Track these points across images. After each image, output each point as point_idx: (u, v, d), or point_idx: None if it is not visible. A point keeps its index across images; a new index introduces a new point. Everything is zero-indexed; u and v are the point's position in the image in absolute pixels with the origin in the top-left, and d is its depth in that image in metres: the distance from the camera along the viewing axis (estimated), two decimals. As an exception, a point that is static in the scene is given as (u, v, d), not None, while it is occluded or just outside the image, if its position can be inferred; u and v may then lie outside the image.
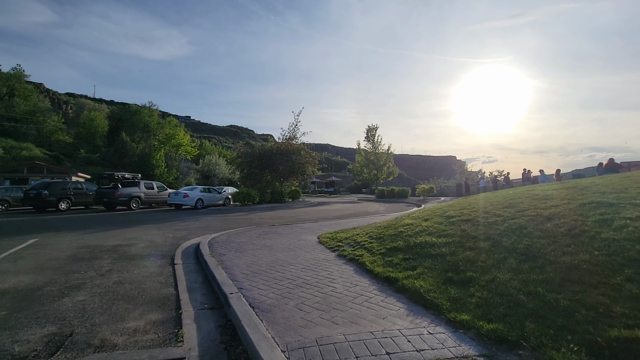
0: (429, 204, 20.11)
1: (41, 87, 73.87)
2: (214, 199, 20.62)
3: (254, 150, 23.53)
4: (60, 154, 49.67)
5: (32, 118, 50.39)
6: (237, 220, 13.26)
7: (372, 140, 35.52)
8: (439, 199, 25.11)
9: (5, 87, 50.76)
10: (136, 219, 13.89)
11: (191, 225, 11.86)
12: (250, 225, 11.61)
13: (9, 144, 43.08)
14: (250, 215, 15.66)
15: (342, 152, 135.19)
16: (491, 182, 25.37)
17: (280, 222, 12.68)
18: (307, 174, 25.13)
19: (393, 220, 8.78)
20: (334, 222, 11.40)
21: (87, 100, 79.29)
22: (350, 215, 15.09)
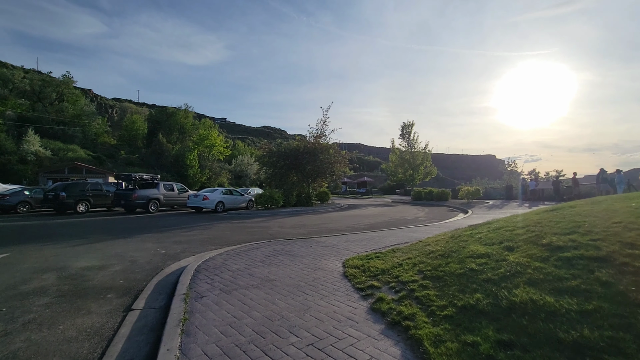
0: (477, 210, 17.00)
1: (90, 92, 77.44)
2: (236, 202, 18.84)
3: (279, 149, 21.54)
4: (102, 155, 50.95)
5: (78, 121, 52.14)
6: (251, 230, 11.17)
7: (407, 137, 32.37)
8: (486, 202, 21.72)
9: (55, 93, 52.92)
10: (143, 225, 12.27)
11: (196, 235, 9.91)
12: (263, 237, 9.46)
13: (57, 145, 44.50)
14: (269, 222, 13.56)
15: (374, 152, 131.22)
16: (551, 184, 21.57)
17: (300, 233, 10.42)
18: (337, 174, 22.72)
19: (447, 239, 6.21)
20: (366, 236, 8.94)
21: (130, 104, 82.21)
22: (385, 225, 12.53)
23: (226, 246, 8.14)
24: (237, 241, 8.86)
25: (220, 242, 8.71)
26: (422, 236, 8.50)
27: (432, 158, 32.74)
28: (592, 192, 18.97)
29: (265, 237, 9.62)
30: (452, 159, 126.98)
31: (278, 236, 9.71)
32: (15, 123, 45.02)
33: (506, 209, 16.76)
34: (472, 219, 13.20)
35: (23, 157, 38.79)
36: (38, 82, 52.06)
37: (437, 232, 8.93)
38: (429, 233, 9.06)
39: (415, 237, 8.48)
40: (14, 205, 16.24)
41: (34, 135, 40.62)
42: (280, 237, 9.54)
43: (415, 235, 8.83)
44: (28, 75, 53.42)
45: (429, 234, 8.79)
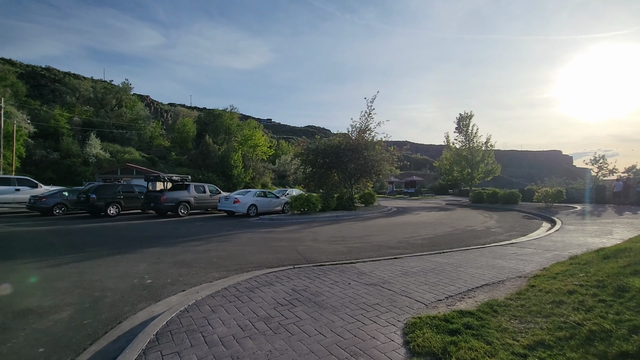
0: (566, 218, 13.12)
1: (147, 99, 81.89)
2: (270, 205, 16.81)
3: (317, 145, 19.14)
4: (155, 157, 52.69)
5: (134, 125, 54.56)
6: (278, 245, 8.85)
7: (464, 131, 28.14)
8: (572, 207, 17.38)
9: (115, 99, 55.87)
10: (159, 234, 10.57)
11: (208, 252, 7.81)
12: (288, 258, 7.07)
13: (115, 148, 46.61)
14: (302, 232, 11.19)
15: (421, 149, 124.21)
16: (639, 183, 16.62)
17: (337, 251, 7.85)
18: (384, 173, 19.77)
19: (588, 282, 3.30)
20: (430, 264, 6.14)
21: (182, 108, 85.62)
22: (449, 239, 9.52)
23: (234, 273, 5.88)
24: (253, 264, 6.57)
25: (231, 266, 6.47)
26: (520, 267, 5.52)
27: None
28: None
29: (291, 257, 7.23)
30: (510, 155, 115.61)
31: (308, 256, 7.26)
32: (81, 128, 47.92)
33: (614, 219, 12.70)
34: (570, 233, 9.68)
35: (86, 159, 40.92)
36: (101, 89, 55.31)
37: (539, 260, 5.88)
38: (527, 261, 6.01)
39: (508, 268, 5.52)
40: (50, 207, 15.72)
41: (96, 139, 42.72)
42: (311, 257, 7.08)
43: (507, 265, 5.84)
44: (94, 84, 57.14)
45: (528, 263, 5.77)
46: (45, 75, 68.94)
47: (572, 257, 5.95)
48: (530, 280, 4.66)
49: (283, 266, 6.31)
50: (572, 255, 6.13)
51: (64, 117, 45.92)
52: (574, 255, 6.10)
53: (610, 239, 8.26)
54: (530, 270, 5.41)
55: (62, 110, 46.80)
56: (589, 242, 8.01)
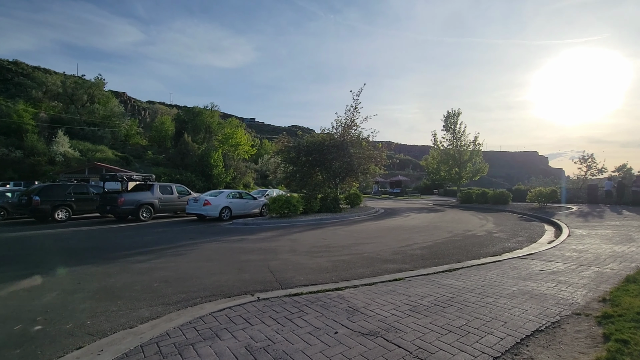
0: (567, 220, 11.89)
1: (123, 95, 77.90)
2: (247, 207, 14.96)
3: (300, 142, 17.39)
4: (130, 156, 49.67)
5: (108, 122, 51.29)
6: (246, 260, 7.07)
7: (452, 129, 26.98)
8: (568, 208, 16.32)
9: (87, 95, 52.37)
10: (100, 245, 8.59)
11: (150, 273, 5.95)
12: (255, 279, 5.31)
13: (85, 146, 43.44)
14: (279, 241, 9.44)
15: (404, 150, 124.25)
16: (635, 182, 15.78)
17: (320, 268, 6.13)
18: (371, 172, 18.21)
19: None
20: (442, 288, 4.54)
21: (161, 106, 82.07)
22: (452, 249, 7.99)
23: (173, 309, 4.10)
24: (207, 290, 4.79)
25: (174, 295, 4.66)
26: (565, 294, 3.92)
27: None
28: None
29: (260, 277, 5.48)
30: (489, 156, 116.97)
31: (281, 276, 5.52)
32: (49, 124, 44.38)
33: (620, 221, 11.55)
34: (586, 239, 8.34)
35: (52, 157, 37.66)
36: (71, 84, 51.65)
37: (581, 281, 4.09)
38: (567, 283, 4.45)
39: (552, 297, 3.94)
40: (-14, 211, 13.35)
41: (64, 137, 39.44)
42: (285, 278, 5.35)
43: (545, 290, 4.28)
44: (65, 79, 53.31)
45: (570, 286, 4.15)
46: (12, 69, 64.31)
47: (629, 278, 4.48)
48: (603, 325, 3.10)
49: (246, 294, 4.59)
50: (621, 273, 4.66)
51: (29, 112, 42.32)
52: (629, 275, 4.63)
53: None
54: (583, 300, 3.88)
55: (26, 105, 43.16)
56: (619, 251, 6.64)
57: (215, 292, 4.77)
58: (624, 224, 10.80)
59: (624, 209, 15.06)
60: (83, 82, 53.56)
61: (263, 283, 5.19)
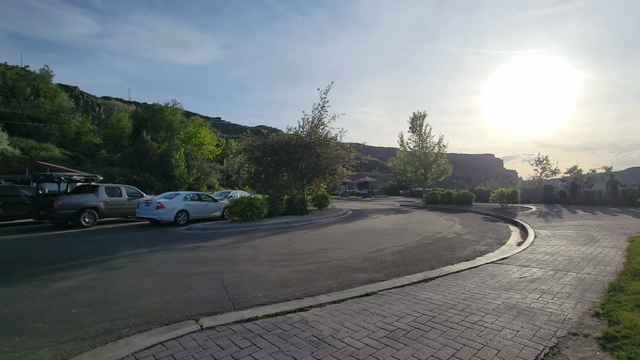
0: (529, 220, 12.04)
1: (75, 90, 71.95)
2: (206, 210, 13.79)
3: (265, 141, 16.47)
4: (81, 155, 45.73)
5: (56, 118, 46.84)
6: (197, 273, 6.13)
7: (418, 131, 27.28)
8: (527, 208, 16.78)
9: (30, 88, 47.53)
10: (16, 258, 7.21)
11: (71, 294, 4.85)
12: (203, 300, 4.41)
13: (28, 144, 39.22)
14: (239, 248, 8.54)
15: (371, 151, 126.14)
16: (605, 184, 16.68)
17: (282, 282, 5.35)
18: (339, 173, 17.68)
19: None
20: (421, 305, 3.96)
21: (118, 102, 76.84)
22: (424, 253, 7.55)
23: (88, 346, 3.15)
24: (139, 316, 3.85)
25: (96, 324, 3.68)
26: (553, 308, 3.43)
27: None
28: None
29: (210, 296, 4.60)
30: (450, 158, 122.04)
31: (236, 293, 4.68)
32: (-16, 120, 39.67)
33: (578, 220, 11.83)
34: (552, 240, 8.27)
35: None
36: (12, 76, 46.55)
37: (564, 290, 3.52)
38: (551, 293, 4.01)
39: (541, 312, 3.46)
40: None
41: (2, 133, 35.26)
42: (240, 296, 4.51)
43: (531, 303, 3.81)
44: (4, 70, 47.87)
45: (555, 297, 3.68)
46: (-60, 58, 57.12)
47: (613, 286, 4.16)
48: (611, 352, 2.63)
49: (189, 320, 3.73)
50: (600, 279, 4.34)
51: (-41, 106, 37.61)
52: (611, 283, 4.32)
53: (606, 248, 6.86)
54: (575, 314, 3.45)
55: (-45, 98, 38.32)
56: (587, 253, 6.51)
57: (150, 319, 3.84)
58: (582, 223, 11.05)
59: (578, 209, 15.71)
60: (26, 73, 48.54)
61: (213, 303, 4.33)
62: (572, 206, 17.22)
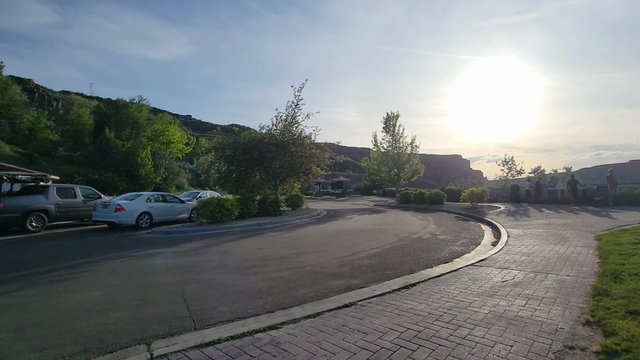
0: (499, 219, 12.24)
1: (30, 83, 66.58)
2: (172, 212, 12.89)
3: (236, 139, 15.73)
4: (35, 153, 42.24)
5: (6, 113, 42.98)
6: (155, 284, 5.48)
7: (392, 131, 27.47)
8: (496, 207, 17.22)
9: (-26, 79, 43.36)
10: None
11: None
12: (159, 318, 3.80)
13: (-28, 141, 35.70)
14: (205, 254, 7.89)
15: (345, 152, 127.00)
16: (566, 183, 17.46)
17: (252, 290, 4.84)
18: (313, 172, 17.26)
19: None
20: (404, 316, 3.61)
21: (78, 97, 72.06)
22: (401, 255, 7.29)
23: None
24: (78, 340, 3.21)
25: (17, 357, 3.01)
26: (541, 315, 3.16)
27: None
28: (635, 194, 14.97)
29: (167, 312, 4.01)
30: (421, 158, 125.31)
31: (198, 308, 4.11)
32: None
33: (545, 219, 12.13)
34: (525, 240, 8.31)
35: None
36: (-46, 66, 42.20)
37: (548, 294, 3.15)
38: (536, 299, 3.79)
39: (531, 322, 3.19)
40: None
41: (-62, 128, 31.80)
42: (202, 311, 3.95)
43: (518, 311, 3.56)
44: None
45: (540, 302, 3.41)
46: None
47: (596, 288, 4.02)
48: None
49: (139, 345, 3.16)
50: (581, 280, 4.21)
51: None
52: (594, 286, 4.20)
53: (578, 247, 6.91)
54: (565, 322, 3.23)
55: None
56: (561, 252, 6.51)
57: (90, 345, 3.22)
58: (549, 222, 11.33)
59: (543, 207, 16.29)
60: (-29, 63, 44.21)
61: (170, 321, 3.75)
62: (537, 205, 17.87)
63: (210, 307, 4.20)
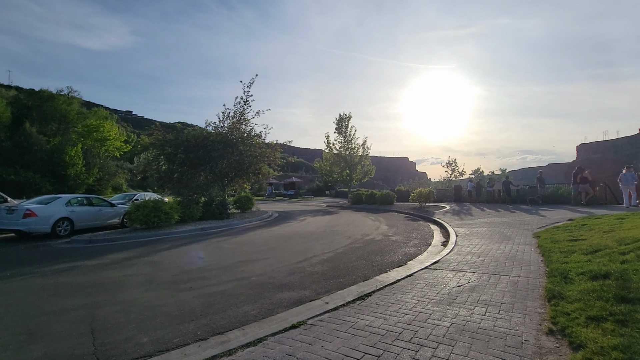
0: (446, 219, 12.60)
1: None
2: (100, 217, 11.24)
3: (178, 136, 14.35)
4: None
5: None
6: (55, 311, 4.39)
7: (344, 132, 27.53)
8: (442, 207, 17.89)
9: None
10: None
11: None
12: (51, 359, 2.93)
13: None
14: (131, 266, 6.79)
15: (298, 153, 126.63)
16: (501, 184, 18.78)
17: (182, 312, 4.03)
18: (263, 173, 16.39)
19: None
20: (361, 336, 3.13)
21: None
22: (355, 259, 6.91)
23: None
24: None
25: None
26: (504, 325, 2.86)
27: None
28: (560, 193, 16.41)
29: (64, 348, 3.08)
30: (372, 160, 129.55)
31: (107, 341, 3.22)
32: None
33: (487, 218, 12.69)
34: (472, 240, 8.46)
35: None
36: None
37: (504, 298, 2.80)
38: (495, 305, 3.56)
39: (494, 335, 2.91)
40: None
41: None
42: (112, 346, 3.06)
43: (479, 321, 3.27)
44: None
45: (499, 310, 3.12)
46: None
47: (550, 290, 3.92)
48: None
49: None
50: (532, 282, 4.13)
51: None
52: (547, 287, 4.11)
53: (520, 245, 7.11)
54: (528, 332, 2.99)
55: None
56: (507, 251, 6.61)
57: None
58: (491, 220, 11.85)
59: (483, 206, 17.26)
60: None
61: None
62: (478, 204, 18.94)
63: (124, 338, 3.35)
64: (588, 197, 14.15)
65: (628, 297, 3.21)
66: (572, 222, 9.37)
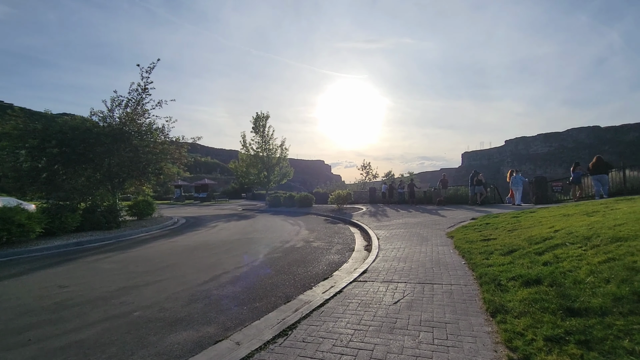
0: (364, 220, 12.57)
1: None
2: None
3: (48, 125, 11.15)
4: None
5: None
6: None
7: (261, 132, 26.07)
8: (359, 209, 18.09)
9: None
10: None
11: None
12: None
13: None
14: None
15: (212, 153, 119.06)
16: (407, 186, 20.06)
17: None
18: (166, 173, 14.00)
19: None
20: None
21: None
22: (274, 274, 5.90)
23: None
24: None
25: None
26: None
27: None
28: (459, 194, 18.09)
29: None
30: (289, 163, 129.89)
31: None
32: None
33: (402, 219, 13.02)
34: (394, 242, 8.30)
35: None
36: None
37: (445, 316, 2.81)
38: (441, 329, 3.01)
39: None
40: None
41: None
42: None
43: (436, 357, 2.67)
44: None
45: (451, 334, 2.70)
46: None
47: (489, 302, 3.56)
48: None
49: None
50: (464, 290, 3.79)
51: None
52: (485, 298, 3.76)
53: (440, 247, 7.10)
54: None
55: None
56: (429, 254, 6.46)
57: None
58: (405, 221, 12.15)
59: (396, 207, 18.04)
60: None
61: None
62: (391, 205, 19.82)
63: None
64: (482, 197, 15.86)
65: (574, 308, 2.95)
66: (476, 221, 10.03)
